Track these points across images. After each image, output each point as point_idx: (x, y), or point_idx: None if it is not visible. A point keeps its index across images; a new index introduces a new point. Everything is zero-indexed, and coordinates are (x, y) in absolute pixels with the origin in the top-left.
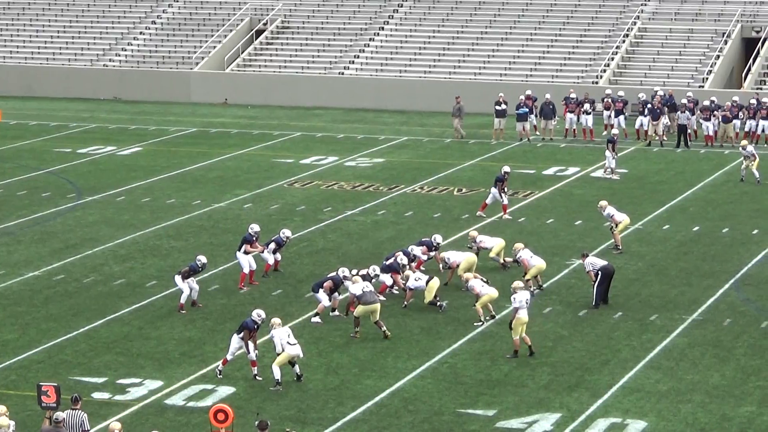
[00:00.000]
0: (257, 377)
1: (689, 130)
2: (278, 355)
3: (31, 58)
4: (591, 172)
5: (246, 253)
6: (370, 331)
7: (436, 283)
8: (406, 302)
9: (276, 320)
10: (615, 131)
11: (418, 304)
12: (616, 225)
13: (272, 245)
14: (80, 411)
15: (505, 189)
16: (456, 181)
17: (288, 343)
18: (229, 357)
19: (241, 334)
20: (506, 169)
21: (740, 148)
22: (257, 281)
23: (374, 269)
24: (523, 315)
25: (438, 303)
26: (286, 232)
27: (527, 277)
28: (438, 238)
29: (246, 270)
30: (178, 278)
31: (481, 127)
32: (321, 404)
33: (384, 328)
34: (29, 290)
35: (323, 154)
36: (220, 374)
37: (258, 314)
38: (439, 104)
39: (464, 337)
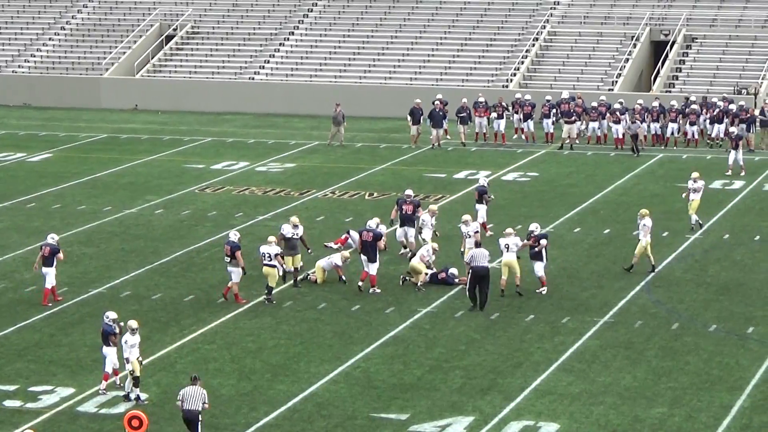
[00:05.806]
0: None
1: (599, 134)
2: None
3: None
4: (502, 176)
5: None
6: (282, 336)
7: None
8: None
9: (130, 323)
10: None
11: (330, 308)
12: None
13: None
14: None
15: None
16: (367, 185)
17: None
18: (109, 370)
19: (109, 344)
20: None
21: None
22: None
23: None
24: (507, 257)
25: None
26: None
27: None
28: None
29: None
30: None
31: (391, 131)
32: (234, 410)
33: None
34: None
35: (234, 159)
36: (105, 392)
37: (107, 316)
38: (350, 109)
39: (377, 341)
